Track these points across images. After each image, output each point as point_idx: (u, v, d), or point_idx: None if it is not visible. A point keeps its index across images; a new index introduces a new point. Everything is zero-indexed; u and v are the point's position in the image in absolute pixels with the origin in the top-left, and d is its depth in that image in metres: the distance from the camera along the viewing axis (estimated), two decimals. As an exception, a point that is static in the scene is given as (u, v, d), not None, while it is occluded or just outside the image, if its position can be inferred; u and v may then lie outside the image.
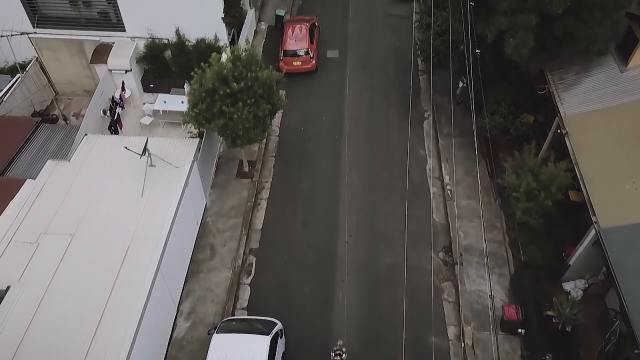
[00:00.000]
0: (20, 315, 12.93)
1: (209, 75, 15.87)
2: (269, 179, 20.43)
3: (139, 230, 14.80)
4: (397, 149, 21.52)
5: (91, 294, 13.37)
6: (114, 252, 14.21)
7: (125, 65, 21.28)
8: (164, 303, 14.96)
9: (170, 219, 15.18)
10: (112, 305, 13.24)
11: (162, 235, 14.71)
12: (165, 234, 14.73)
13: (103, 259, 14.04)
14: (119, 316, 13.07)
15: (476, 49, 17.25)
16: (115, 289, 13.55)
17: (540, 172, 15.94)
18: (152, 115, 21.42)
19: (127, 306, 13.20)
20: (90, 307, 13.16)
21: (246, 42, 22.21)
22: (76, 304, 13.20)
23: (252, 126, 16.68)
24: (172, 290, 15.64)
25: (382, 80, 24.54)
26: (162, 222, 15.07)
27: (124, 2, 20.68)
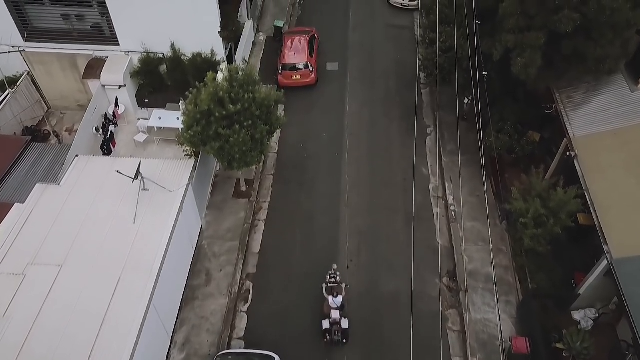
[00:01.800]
0: (4, 355, 12.27)
1: (204, 96, 15.24)
2: (267, 198, 19.79)
3: (130, 261, 14.16)
4: (399, 166, 20.89)
5: (80, 331, 12.73)
6: (104, 285, 13.57)
7: (119, 81, 20.65)
8: (157, 335, 14.33)
9: (163, 248, 14.54)
10: (102, 341, 12.60)
11: (155, 265, 14.07)
12: (158, 265, 14.09)
13: (92, 293, 13.40)
14: (109, 353, 12.42)
15: (483, 70, 16.63)
16: (105, 324, 12.91)
17: (549, 198, 15.31)
18: (146, 132, 20.78)
19: (118, 343, 12.56)
20: (79, 344, 12.52)
21: (243, 61, 21.55)
22: (64, 341, 12.56)
23: (250, 148, 16.04)
24: (166, 320, 15.00)
25: (383, 94, 23.92)
26: (155, 251, 14.42)
27: (117, 15, 20.04)
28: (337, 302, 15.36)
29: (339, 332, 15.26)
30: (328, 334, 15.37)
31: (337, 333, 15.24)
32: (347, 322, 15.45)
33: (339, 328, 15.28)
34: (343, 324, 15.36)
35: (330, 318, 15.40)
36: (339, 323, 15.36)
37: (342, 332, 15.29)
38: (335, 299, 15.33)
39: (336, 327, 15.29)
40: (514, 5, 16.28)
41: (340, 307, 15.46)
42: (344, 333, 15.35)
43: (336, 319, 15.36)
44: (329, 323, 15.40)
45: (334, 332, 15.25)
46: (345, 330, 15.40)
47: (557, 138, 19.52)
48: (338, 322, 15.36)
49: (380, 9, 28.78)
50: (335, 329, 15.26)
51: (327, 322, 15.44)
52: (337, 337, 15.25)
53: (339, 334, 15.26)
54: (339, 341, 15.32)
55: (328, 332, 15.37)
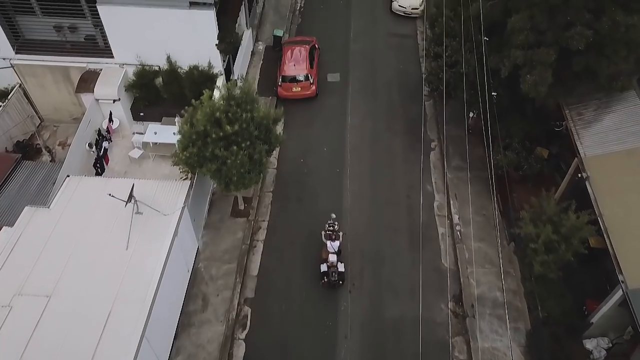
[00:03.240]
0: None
1: (200, 116, 14.58)
2: (266, 217, 19.13)
3: (122, 291, 13.49)
4: (402, 183, 20.24)
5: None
6: (94, 317, 12.90)
7: (113, 95, 19.97)
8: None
9: (157, 276, 13.87)
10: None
11: (148, 296, 13.40)
12: (151, 295, 13.43)
13: (82, 327, 12.73)
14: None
15: (490, 86, 15.94)
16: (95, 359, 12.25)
17: (560, 222, 14.65)
18: (141, 148, 20.10)
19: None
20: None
21: (241, 78, 20.84)
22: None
23: (248, 170, 15.38)
24: (160, 352, 14.33)
25: (386, 107, 23.25)
26: (149, 280, 13.76)
27: (111, 27, 19.34)
28: (335, 246, 16.72)
29: (336, 273, 16.57)
30: (325, 276, 16.68)
31: (333, 274, 16.53)
32: (343, 266, 16.81)
33: (336, 270, 16.59)
34: (339, 268, 16.71)
35: (328, 262, 16.68)
36: (335, 266, 16.64)
37: (338, 274, 16.63)
38: (333, 243, 16.65)
39: (333, 269, 16.56)
40: (523, 20, 15.62)
41: (337, 251, 16.82)
42: (340, 275, 16.69)
43: (333, 262, 16.66)
44: (326, 266, 16.70)
45: (331, 273, 16.53)
46: (342, 273, 16.75)
47: (565, 153, 18.92)
48: (335, 265, 16.66)
49: (382, 17, 28.10)
50: (332, 270, 16.54)
51: (324, 266, 16.75)
52: (333, 279, 16.55)
53: (336, 276, 16.56)
54: (336, 282, 16.66)
55: (326, 275, 16.68)
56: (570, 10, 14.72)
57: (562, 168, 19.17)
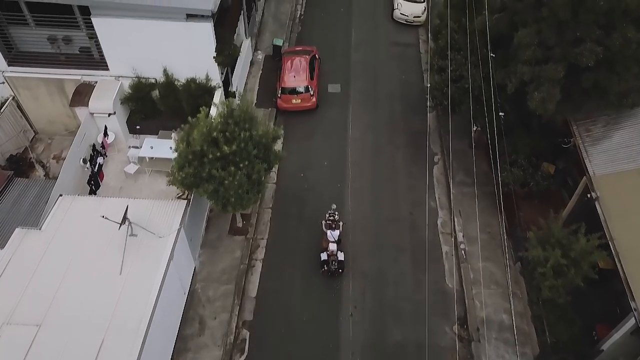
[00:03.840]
0: None
1: (196, 135, 14.07)
2: (265, 235, 18.61)
3: (116, 319, 12.99)
4: (405, 199, 19.72)
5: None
6: (85, 349, 12.39)
7: (108, 108, 19.45)
8: (144, 399, 13.14)
9: (152, 303, 13.37)
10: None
11: (142, 324, 12.90)
12: (145, 324, 12.92)
13: (73, 357, 12.20)
14: None
15: (499, 110, 15.44)
16: (86, 393, 11.77)
17: (569, 246, 14.13)
18: (137, 163, 19.58)
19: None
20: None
21: (238, 96, 20.27)
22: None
23: (246, 190, 14.87)
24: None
25: (388, 119, 22.74)
26: (143, 307, 13.25)
27: (106, 40, 18.82)
28: (335, 235, 16.93)
29: (336, 262, 16.75)
30: (325, 264, 16.87)
31: (333, 263, 16.72)
32: (342, 255, 17.00)
33: (336, 259, 16.76)
34: (339, 257, 16.88)
35: (328, 250, 16.89)
36: (335, 255, 16.81)
37: (338, 263, 16.81)
38: (333, 232, 16.87)
39: (333, 258, 16.73)
40: (530, 35, 15.12)
41: (337, 240, 17.02)
42: (339, 264, 16.86)
43: (333, 251, 16.86)
44: (326, 255, 16.88)
45: (331, 262, 16.72)
46: (341, 262, 16.93)
47: (573, 169, 18.44)
48: (335, 254, 16.82)
49: (384, 25, 27.60)
50: (332, 259, 16.73)
51: (325, 255, 16.93)
52: (333, 267, 16.75)
53: (336, 264, 16.75)
54: (335, 270, 16.83)
55: (326, 263, 16.87)
56: (579, 25, 14.22)
57: (569, 184, 18.72)
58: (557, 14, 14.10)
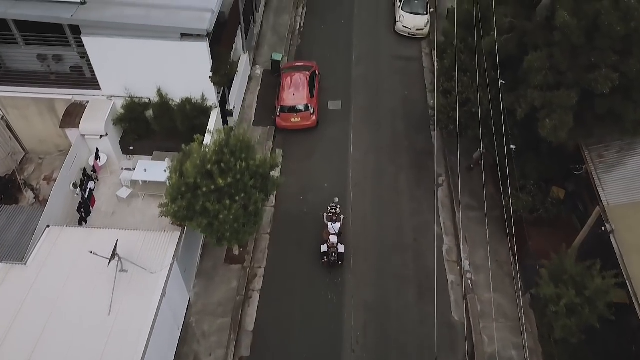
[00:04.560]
0: None
1: (189, 167, 13.31)
2: (263, 263, 17.85)
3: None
4: (408, 224, 18.97)
5: None
6: (70, 399, 11.65)
7: (100, 130, 18.68)
8: None
9: (142, 345, 12.63)
10: None
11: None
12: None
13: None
14: None
15: (510, 141, 14.69)
16: None
17: (584, 284, 13.37)
18: (130, 187, 18.81)
19: None
20: None
21: (234, 123, 19.55)
22: None
23: (242, 223, 14.12)
24: None
25: (390, 138, 21.97)
26: (134, 349, 12.53)
27: (98, 59, 18.07)
28: (336, 227, 17.23)
29: (335, 254, 17.04)
30: (326, 256, 17.17)
31: (333, 255, 17.02)
32: (343, 248, 17.31)
33: (336, 251, 17.06)
34: (339, 249, 17.17)
35: (329, 242, 17.16)
36: (336, 247, 17.08)
37: (338, 254, 17.10)
38: (334, 224, 17.15)
39: (333, 249, 17.03)
40: (541, 59, 14.37)
41: (338, 233, 17.27)
42: (339, 256, 17.16)
43: (334, 243, 17.14)
44: (327, 247, 17.17)
45: (331, 254, 17.01)
46: (341, 254, 17.25)
47: (583, 193, 17.70)
48: (335, 246, 17.10)
49: (386, 38, 26.83)
50: (332, 251, 17.02)
51: (325, 246, 17.23)
52: (333, 259, 17.05)
53: (335, 256, 17.04)
54: (335, 262, 17.16)
55: (326, 255, 17.16)
56: (594, 51, 13.47)
57: (580, 209, 17.98)
58: (571, 38, 13.35)
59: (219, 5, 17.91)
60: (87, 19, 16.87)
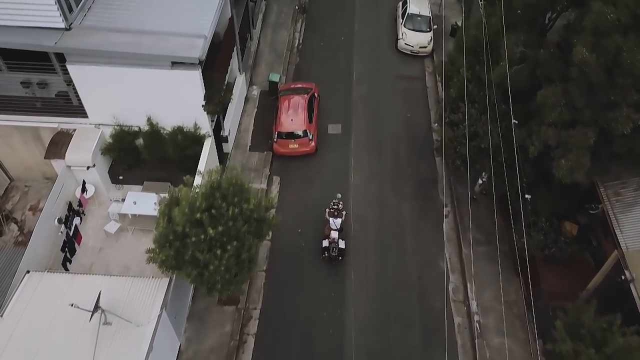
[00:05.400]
0: None
1: (177, 215, 12.32)
2: (258, 304, 16.86)
3: None
4: (413, 260, 18.00)
5: None
6: None
7: (87, 161, 17.73)
8: None
9: (125, 411, 11.63)
10: None
11: None
12: None
13: None
14: None
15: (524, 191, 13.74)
16: None
17: (604, 340, 12.38)
18: (118, 221, 17.84)
19: None
20: None
21: (226, 168, 18.58)
22: None
23: (235, 273, 13.14)
24: None
25: (392, 164, 20.99)
26: (115, 418, 11.52)
27: (84, 88, 17.12)
28: (337, 223, 17.46)
29: (336, 249, 17.20)
30: (326, 251, 17.33)
31: (334, 250, 17.16)
32: (343, 243, 17.51)
33: (336, 246, 17.24)
34: (340, 244, 17.36)
35: (330, 238, 17.33)
36: (336, 242, 17.25)
37: (338, 250, 17.26)
38: (336, 220, 17.40)
39: (334, 244, 17.19)
40: (556, 95, 13.39)
41: (339, 228, 17.50)
42: (340, 251, 17.32)
43: (334, 239, 17.32)
44: (328, 242, 17.33)
45: (332, 249, 17.16)
46: (342, 249, 17.40)
47: (597, 227, 16.73)
48: (336, 241, 17.28)
49: (387, 56, 25.87)
50: (333, 246, 17.19)
51: (326, 242, 17.40)
52: (334, 254, 17.17)
53: (336, 251, 17.18)
54: (335, 257, 17.29)
55: (326, 250, 17.33)
56: (615, 89, 12.49)
57: (593, 244, 17.02)
58: (589, 76, 12.37)
59: (212, 31, 16.98)
60: (72, 46, 15.93)
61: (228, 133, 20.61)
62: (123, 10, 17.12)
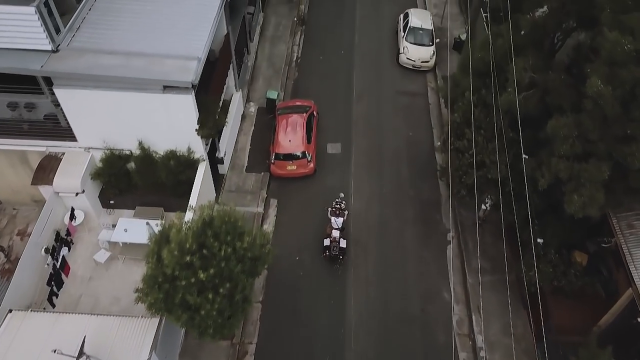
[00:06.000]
0: None
1: (166, 257, 11.59)
2: (254, 338, 16.13)
3: None
4: (415, 290, 17.29)
5: None
6: None
7: (75, 187, 17.00)
8: None
9: None
10: None
11: None
12: None
13: None
14: None
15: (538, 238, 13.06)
16: None
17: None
18: (108, 249, 17.11)
19: None
20: None
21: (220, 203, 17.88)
22: None
23: (227, 316, 12.41)
24: None
25: (394, 186, 20.26)
26: None
27: (72, 112, 16.40)
28: (339, 222, 17.36)
29: (337, 248, 17.11)
30: (327, 250, 17.24)
31: (335, 249, 17.08)
32: (345, 242, 17.42)
33: (337, 245, 17.15)
34: (341, 243, 17.26)
35: (331, 237, 17.24)
36: (337, 241, 17.17)
37: (339, 249, 17.17)
38: (337, 219, 17.31)
39: (335, 243, 17.12)
40: (568, 127, 12.65)
41: (341, 228, 17.38)
42: (341, 250, 17.23)
43: (336, 238, 17.24)
44: (329, 241, 17.24)
45: (333, 248, 17.09)
46: (343, 249, 17.31)
47: (608, 257, 16.03)
48: (337, 240, 17.19)
49: (389, 71, 25.13)
50: (334, 245, 17.11)
51: (327, 241, 17.33)
52: (334, 253, 17.10)
53: (337, 250, 17.10)
54: (336, 256, 17.23)
55: (328, 249, 17.25)
56: (632, 122, 11.76)
57: (604, 274, 16.31)
58: (604, 108, 11.64)
59: (206, 51, 16.26)
60: (59, 70, 15.19)
61: (224, 154, 19.88)
62: (113, 30, 16.38)
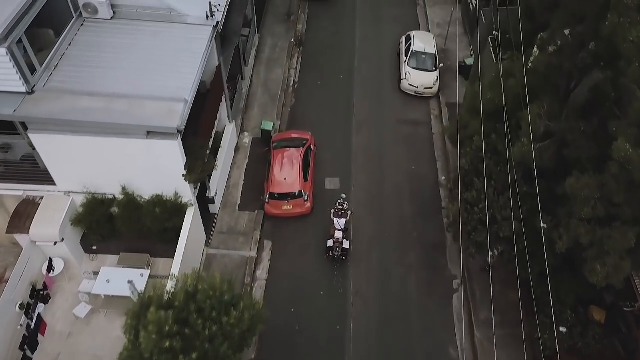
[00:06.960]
0: None
1: (144, 341, 10.38)
2: (246, 403, 14.96)
3: None
4: (420, 346, 16.12)
5: None
6: None
7: (54, 236, 15.81)
8: None
9: None
10: None
11: None
12: None
13: None
14: None
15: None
16: None
17: None
18: (89, 303, 15.90)
19: None
20: None
21: (202, 270, 16.77)
22: None
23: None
24: None
25: (396, 228, 19.05)
26: None
27: (50, 157, 15.21)
28: (342, 223, 17.35)
29: (340, 249, 17.17)
30: (330, 251, 17.35)
31: (337, 250, 17.15)
32: (348, 244, 17.47)
33: (340, 246, 17.19)
34: (344, 244, 17.31)
35: (334, 238, 17.23)
36: (341, 242, 17.19)
37: (342, 250, 17.23)
38: (340, 220, 17.28)
39: (338, 244, 17.16)
40: (589, 188, 11.43)
41: (344, 229, 17.36)
42: (344, 251, 17.28)
43: (339, 239, 17.23)
44: (332, 242, 17.29)
45: (336, 249, 17.17)
46: (345, 250, 17.37)
47: (624, 311, 14.86)
48: (340, 241, 17.20)
49: (390, 98, 23.93)
50: (337, 246, 17.16)
51: (331, 241, 17.39)
52: (337, 254, 17.20)
53: (339, 251, 17.18)
54: (339, 257, 17.34)
55: (331, 250, 17.35)
56: (663, 189, 10.58)
57: (623, 332, 15.14)
58: (632, 173, 10.44)
59: (194, 91, 15.08)
60: (33, 115, 14.02)
61: (215, 194, 18.67)
62: (93, 68, 15.19)
